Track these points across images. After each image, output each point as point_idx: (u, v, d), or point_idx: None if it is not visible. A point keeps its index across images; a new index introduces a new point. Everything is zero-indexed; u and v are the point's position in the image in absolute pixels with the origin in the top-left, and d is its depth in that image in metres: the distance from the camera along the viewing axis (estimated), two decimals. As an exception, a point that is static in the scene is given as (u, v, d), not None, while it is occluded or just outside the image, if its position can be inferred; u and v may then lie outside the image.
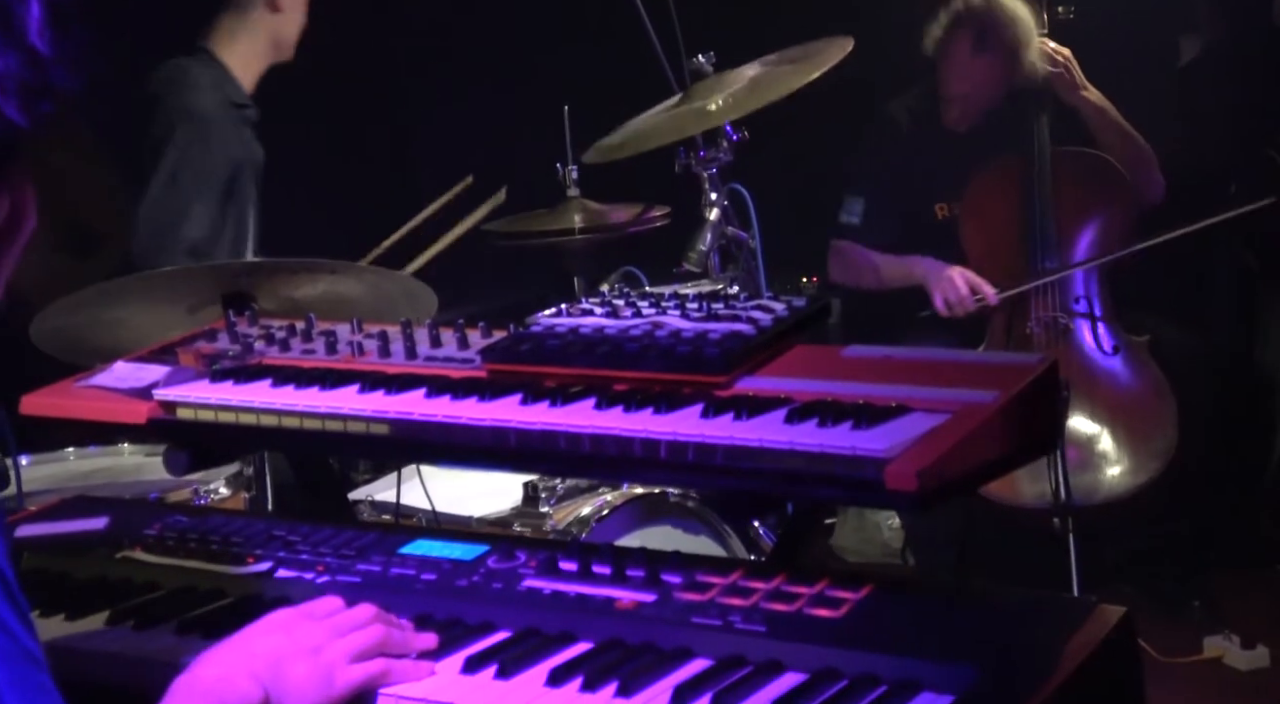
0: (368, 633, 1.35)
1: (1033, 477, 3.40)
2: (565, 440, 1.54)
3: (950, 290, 3.63)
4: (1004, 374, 1.50)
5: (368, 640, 1.34)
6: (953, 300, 3.63)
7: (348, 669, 1.32)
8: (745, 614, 1.37)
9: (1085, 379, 3.60)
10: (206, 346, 1.90)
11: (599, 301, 1.79)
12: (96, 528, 1.80)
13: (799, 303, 1.71)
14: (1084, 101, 3.74)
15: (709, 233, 2.93)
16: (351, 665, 1.32)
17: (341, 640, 1.33)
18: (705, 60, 2.99)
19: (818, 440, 1.40)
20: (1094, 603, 1.33)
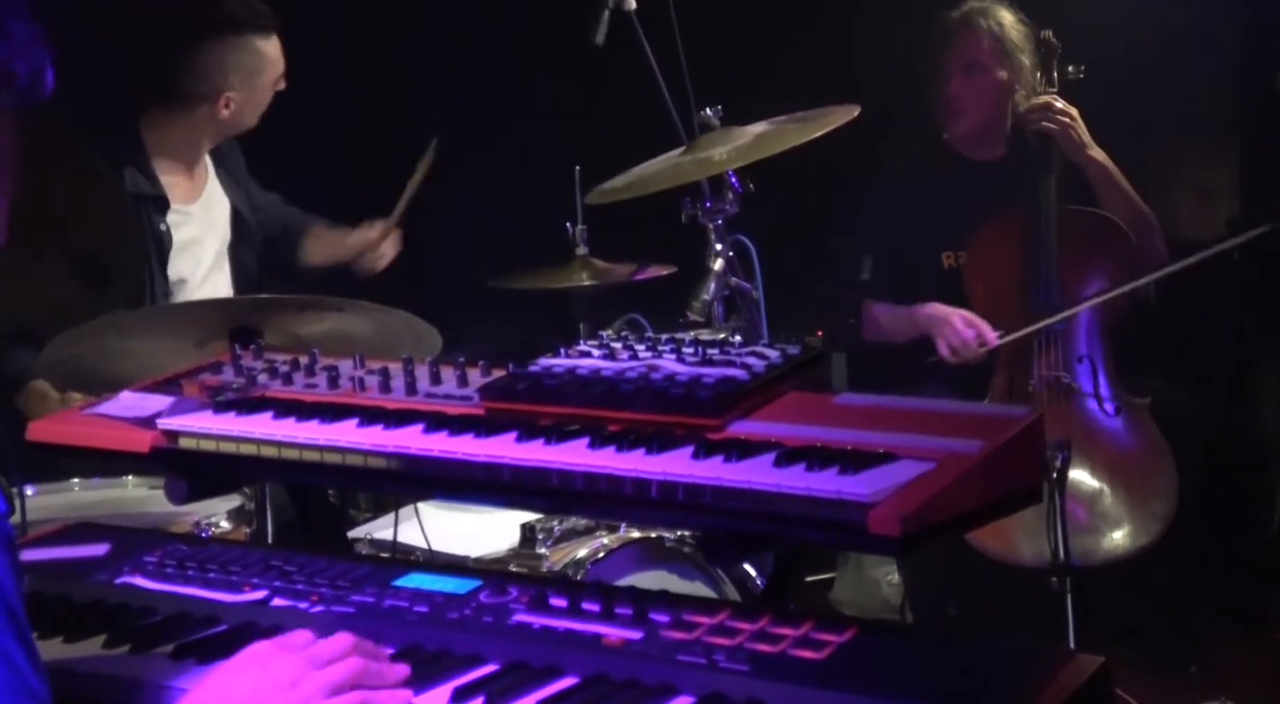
0: (344, 665, 1.36)
1: (1031, 535, 3.40)
2: (558, 477, 1.57)
3: (953, 336, 3.64)
4: (990, 425, 1.53)
5: (344, 673, 1.35)
6: (956, 345, 3.64)
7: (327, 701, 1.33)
8: (730, 653, 1.39)
9: (1086, 439, 3.61)
10: (211, 378, 1.93)
11: (597, 344, 1.83)
12: (97, 554, 1.83)
13: (793, 350, 1.74)
14: (1089, 160, 3.79)
15: (713, 283, 2.97)
16: (329, 699, 1.33)
17: (318, 673, 1.34)
18: (713, 114, 3.04)
19: (804, 484, 1.43)
20: (1071, 652, 1.35)
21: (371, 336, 2.51)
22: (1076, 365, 3.70)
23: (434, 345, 2.54)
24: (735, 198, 3.00)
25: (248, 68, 3.32)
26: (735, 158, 2.88)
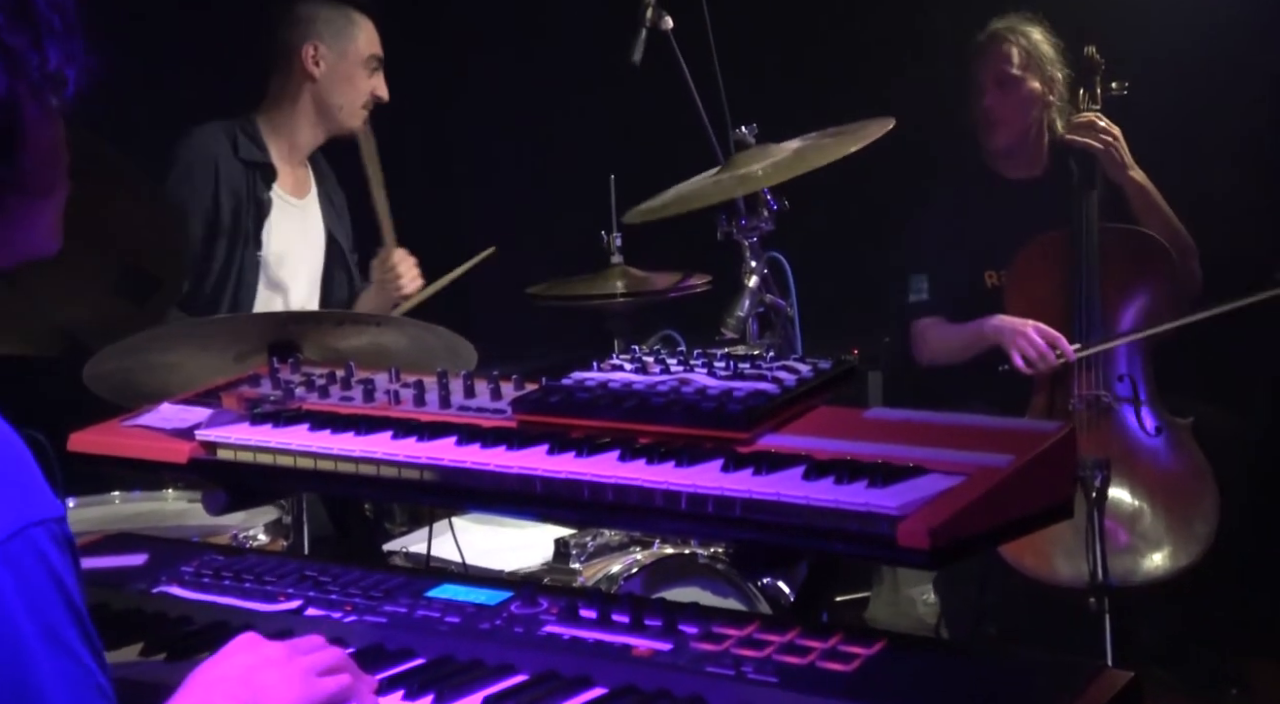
0: (329, 652, 1.40)
1: (1070, 555, 3.38)
2: (589, 490, 1.58)
3: (1028, 347, 3.61)
4: (1021, 439, 1.52)
5: (331, 659, 1.39)
6: (1032, 356, 3.60)
7: (320, 681, 1.36)
8: (758, 665, 1.39)
9: (1127, 459, 3.58)
10: (249, 391, 1.96)
11: (629, 357, 1.84)
12: (135, 563, 1.85)
13: (824, 365, 1.74)
14: (1129, 181, 3.77)
15: (747, 299, 2.97)
16: (323, 678, 1.36)
17: (306, 657, 1.38)
18: (749, 131, 3.05)
19: (833, 496, 1.44)
20: (1102, 666, 1.34)
21: (408, 351, 2.53)
22: (1117, 384, 3.67)
23: (469, 360, 2.56)
24: (771, 215, 3.00)
25: (335, 27, 3.49)
26: (774, 174, 2.89)
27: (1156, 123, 3.88)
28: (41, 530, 1.05)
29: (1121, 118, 3.78)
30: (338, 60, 3.48)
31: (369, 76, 3.52)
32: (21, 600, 1.03)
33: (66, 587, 1.07)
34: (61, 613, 1.06)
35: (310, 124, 3.52)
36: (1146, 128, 3.81)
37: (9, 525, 1.04)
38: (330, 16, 3.49)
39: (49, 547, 1.06)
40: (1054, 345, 3.60)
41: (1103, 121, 3.75)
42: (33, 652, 1.03)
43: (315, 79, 3.48)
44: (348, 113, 3.51)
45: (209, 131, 3.44)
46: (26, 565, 1.04)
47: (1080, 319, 3.69)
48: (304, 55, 3.46)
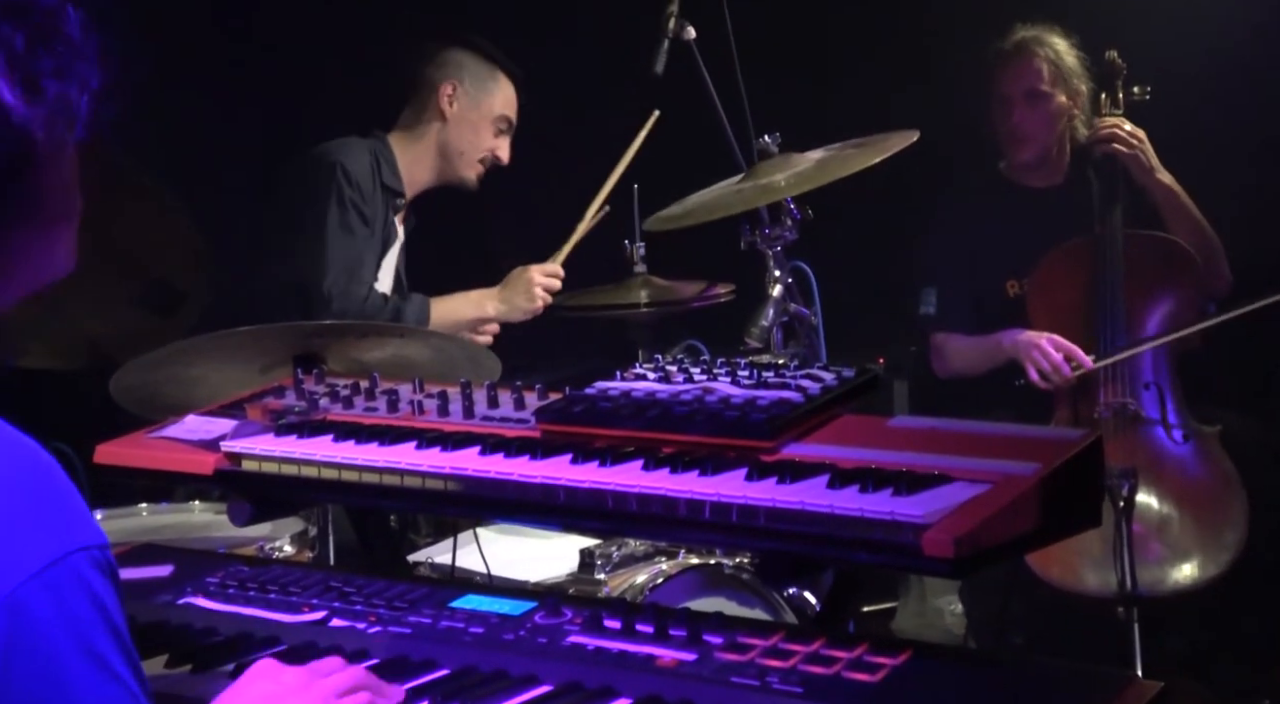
0: (348, 673, 1.41)
1: (1096, 564, 3.35)
2: (613, 499, 1.58)
3: (1043, 360, 3.59)
4: (1046, 447, 1.51)
5: (350, 679, 1.40)
6: (1046, 370, 3.58)
7: (340, 703, 1.37)
8: (783, 675, 1.39)
9: (1154, 468, 3.55)
10: (274, 402, 1.97)
11: (652, 367, 1.84)
12: (161, 575, 1.86)
13: (848, 373, 1.74)
14: (1158, 184, 3.74)
15: (771, 309, 2.97)
16: (341, 699, 1.37)
17: (326, 680, 1.39)
18: (771, 141, 3.05)
19: (858, 505, 1.43)
20: (1131, 676, 1.33)
21: (431, 362, 2.53)
22: (1143, 392, 3.64)
23: (493, 371, 2.56)
24: (794, 224, 3.00)
25: (479, 77, 3.58)
26: (796, 184, 2.89)
27: (1178, 127, 3.86)
28: (84, 557, 1.07)
29: (1144, 122, 3.76)
30: (471, 107, 3.55)
31: (495, 135, 3.59)
32: (62, 625, 1.05)
33: (109, 611, 1.08)
34: (104, 637, 1.07)
35: (429, 164, 3.57)
36: (1168, 132, 3.79)
37: (51, 552, 1.05)
38: (476, 66, 3.58)
39: (90, 572, 1.07)
40: (1070, 358, 3.57)
41: (1127, 126, 3.73)
42: (73, 674, 1.05)
43: (446, 119, 3.54)
44: (465, 162, 3.57)
45: (359, 145, 3.49)
46: (67, 591, 1.05)
47: (1104, 327, 3.66)
48: (441, 93, 3.53)
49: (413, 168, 3.56)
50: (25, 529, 1.06)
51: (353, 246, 3.35)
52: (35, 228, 1.21)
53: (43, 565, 1.05)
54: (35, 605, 1.03)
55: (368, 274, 3.38)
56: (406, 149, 3.55)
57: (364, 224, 3.37)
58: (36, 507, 1.08)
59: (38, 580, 1.04)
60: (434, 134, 3.55)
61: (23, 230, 1.20)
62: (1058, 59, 3.78)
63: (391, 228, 3.52)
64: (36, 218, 1.21)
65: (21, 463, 1.09)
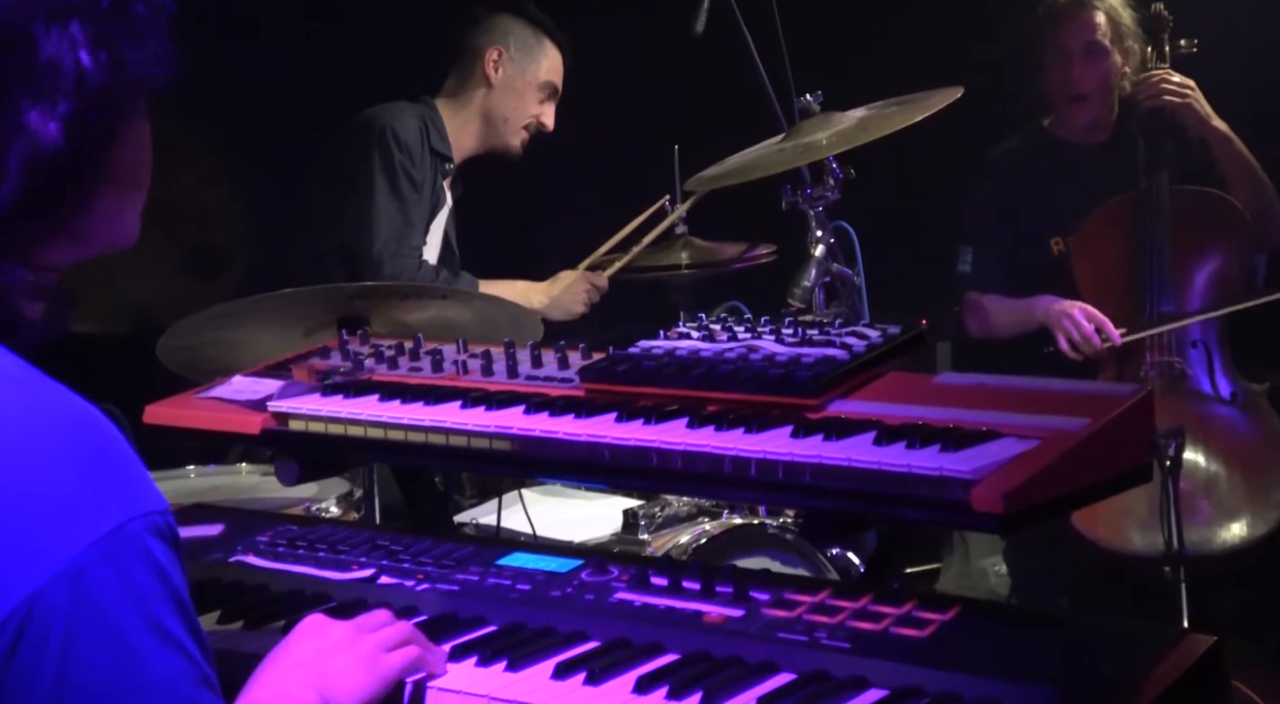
0: (395, 628, 1.42)
1: (1143, 524, 3.33)
2: (657, 457, 1.58)
3: (1073, 330, 3.57)
4: (1096, 402, 1.50)
5: (396, 633, 1.41)
6: (1077, 340, 3.56)
7: (387, 657, 1.38)
8: (831, 631, 1.39)
9: (1201, 427, 3.52)
10: (320, 363, 1.98)
11: (696, 326, 1.83)
12: (212, 534, 1.88)
13: (893, 330, 1.73)
14: (1213, 131, 3.67)
15: (814, 269, 2.95)
16: (389, 654, 1.38)
17: (373, 635, 1.39)
18: (813, 99, 3.02)
19: (905, 461, 1.42)
20: (1182, 631, 1.32)
21: (474, 324, 2.54)
22: (1190, 351, 3.60)
23: (535, 332, 2.56)
24: (836, 184, 2.97)
25: (525, 44, 3.56)
26: (838, 143, 2.86)
27: (1225, 80, 3.79)
28: (144, 523, 1.06)
29: (1190, 76, 3.69)
30: (517, 74, 3.54)
31: (540, 101, 3.57)
32: (125, 595, 1.04)
33: (171, 579, 1.07)
34: (167, 606, 1.07)
35: (474, 130, 3.57)
36: (1216, 85, 3.72)
37: (112, 520, 1.05)
38: (522, 33, 3.57)
39: (152, 540, 1.06)
40: (1100, 330, 3.54)
41: (1175, 76, 3.67)
42: (137, 646, 1.04)
43: (491, 85, 3.53)
44: (510, 129, 3.56)
45: (408, 110, 3.48)
46: (129, 559, 1.05)
47: (1150, 286, 3.62)
48: (487, 59, 3.52)
49: (459, 134, 3.56)
50: (84, 496, 1.05)
51: (402, 211, 3.34)
52: (114, 194, 1.22)
53: (104, 533, 1.04)
54: (98, 574, 1.03)
55: (416, 240, 3.38)
56: (453, 115, 3.55)
57: (414, 189, 3.37)
58: (95, 472, 1.07)
59: (99, 548, 1.03)
60: (479, 100, 3.55)
61: (105, 195, 1.21)
62: (1115, 14, 3.71)
63: (440, 193, 3.52)
64: (118, 184, 1.22)
65: (79, 429, 1.09)
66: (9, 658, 1.00)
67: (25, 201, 1.14)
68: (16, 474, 1.04)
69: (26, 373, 1.12)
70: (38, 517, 1.03)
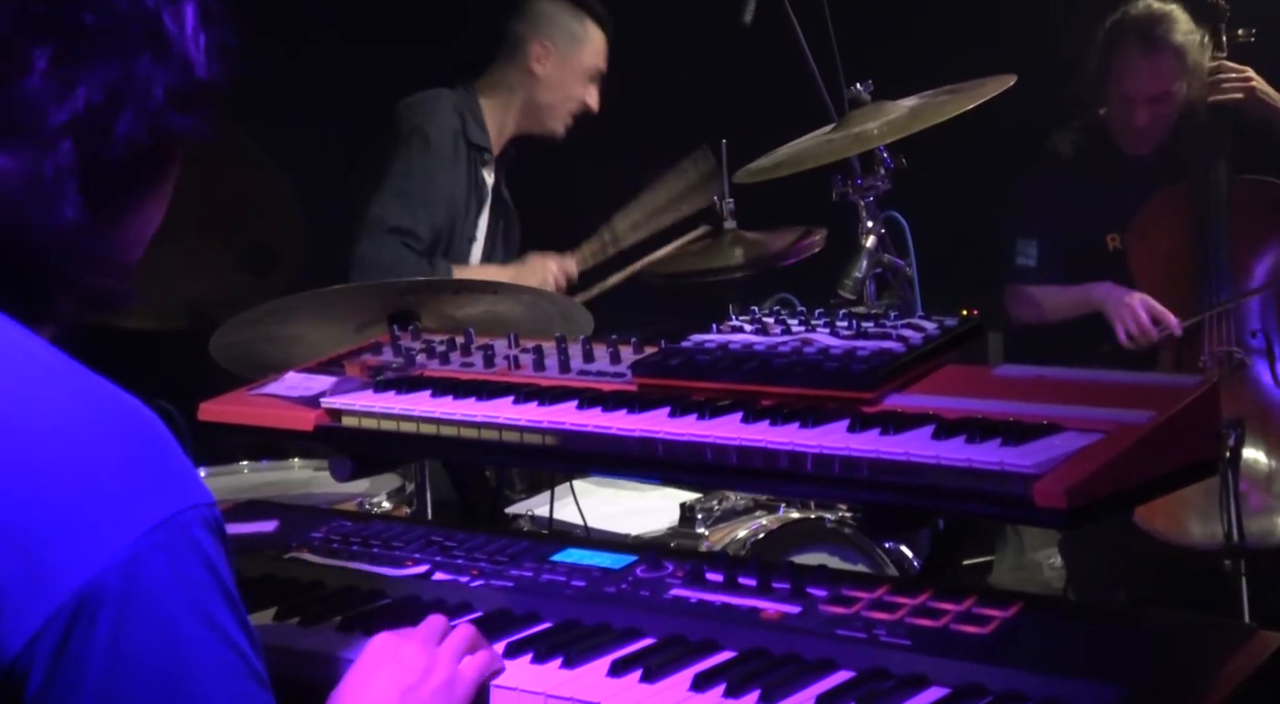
0: (459, 633, 1.40)
1: (1202, 516, 3.28)
2: (712, 452, 1.56)
3: (1131, 321, 3.53)
4: (1160, 395, 1.47)
5: (463, 640, 1.39)
6: (1135, 332, 3.52)
7: (461, 670, 1.37)
8: (890, 628, 1.37)
9: (1260, 416, 3.47)
10: (371, 359, 1.98)
11: (749, 319, 1.82)
12: (267, 530, 1.89)
13: (950, 322, 1.70)
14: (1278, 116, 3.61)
15: (865, 260, 2.92)
16: (462, 665, 1.37)
17: (442, 647, 1.38)
18: (863, 88, 2.99)
19: (965, 455, 1.40)
20: (1252, 628, 1.29)
21: (524, 318, 2.53)
22: (1250, 340, 3.55)
23: (585, 326, 2.55)
24: (887, 174, 2.94)
25: (568, 32, 3.54)
26: (889, 132, 2.83)
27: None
28: (193, 515, 1.05)
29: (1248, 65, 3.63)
30: (562, 64, 3.52)
31: (585, 86, 3.56)
32: (176, 586, 1.03)
33: (220, 572, 1.06)
34: (217, 599, 1.05)
35: (518, 117, 3.56)
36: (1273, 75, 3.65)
37: (161, 511, 1.04)
38: (566, 21, 3.54)
39: (201, 532, 1.05)
40: (1159, 320, 3.49)
41: (1232, 67, 3.60)
42: (188, 638, 1.03)
43: (536, 76, 3.52)
44: (555, 115, 3.55)
45: (444, 102, 3.48)
46: (179, 551, 1.03)
47: (1208, 276, 3.57)
48: (531, 51, 3.50)
49: (502, 121, 3.55)
50: (133, 487, 1.04)
51: (406, 205, 3.32)
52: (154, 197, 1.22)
53: (153, 524, 1.03)
54: (149, 565, 1.02)
55: (421, 231, 3.34)
56: (495, 103, 3.54)
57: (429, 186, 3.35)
58: (143, 464, 1.06)
59: (149, 538, 1.02)
60: (524, 91, 3.54)
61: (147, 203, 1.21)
62: (1183, 50, 3.60)
63: (482, 185, 3.52)
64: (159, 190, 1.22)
65: (125, 421, 1.09)
66: (61, 649, 0.99)
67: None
68: (64, 465, 1.04)
69: (69, 366, 1.11)
70: (87, 508, 1.03)
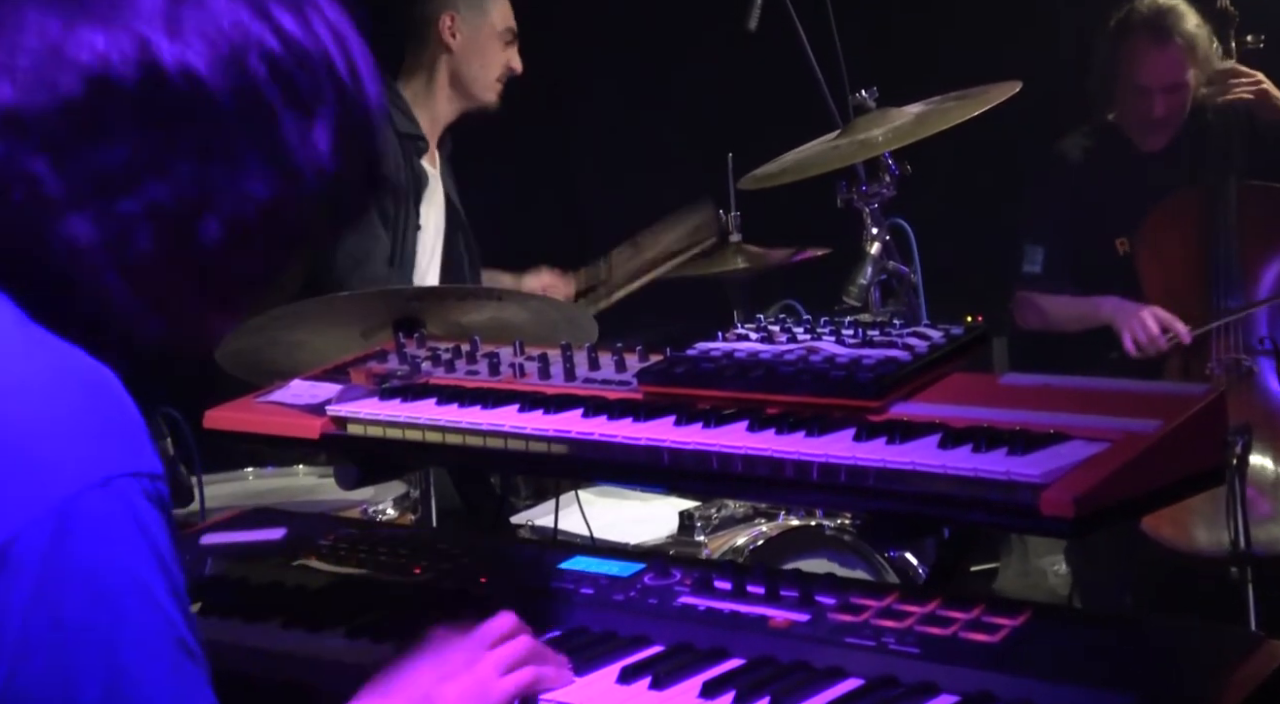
0: (515, 644, 1.38)
1: (1208, 523, 3.27)
2: (718, 460, 1.56)
3: (1140, 330, 3.53)
4: (1167, 404, 1.47)
5: (516, 651, 1.37)
6: (1143, 341, 3.52)
7: (500, 681, 1.35)
8: (899, 636, 1.37)
9: (1268, 423, 3.46)
10: (377, 366, 1.98)
11: (754, 327, 1.81)
12: (274, 538, 1.89)
13: (956, 331, 1.70)
14: None
15: (869, 267, 2.92)
16: (504, 678, 1.35)
17: (491, 654, 1.37)
18: (868, 95, 2.99)
19: (971, 465, 1.40)
20: (1261, 637, 1.29)
21: (530, 325, 2.53)
22: (1258, 347, 3.55)
23: (591, 333, 2.55)
24: (892, 181, 2.94)
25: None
26: (894, 139, 2.83)
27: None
28: (133, 482, 1.03)
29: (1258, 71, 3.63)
30: (474, 32, 3.49)
31: (504, 49, 3.52)
32: (104, 544, 1.01)
33: (154, 538, 1.04)
34: (147, 563, 1.03)
35: (447, 97, 3.53)
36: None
37: (99, 472, 1.02)
38: None
39: (138, 499, 1.03)
40: (1168, 329, 3.50)
41: (1244, 70, 3.61)
42: (113, 597, 1.01)
43: (452, 50, 3.49)
44: (483, 85, 3.51)
45: None
46: (113, 514, 1.02)
47: (1217, 282, 3.57)
48: (440, 26, 3.47)
49: (431, 105, 3.51)
50: (78, 443, 1.03)
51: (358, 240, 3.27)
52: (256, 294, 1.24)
53: (93, 483, 1.01)
54: (83, 521, 1.00)
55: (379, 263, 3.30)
56: (417, 89, 3.50)
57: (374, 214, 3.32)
58: (92, 424, 1.04)
59: (86, 497, 1.01)
60: (444, 67, 3.49)
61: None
62: (1192, 41, 3.62)
63: (421, 173, 3.46)
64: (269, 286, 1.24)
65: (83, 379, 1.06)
66: None
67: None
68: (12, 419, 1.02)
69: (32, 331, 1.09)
70: (25, 461, 1.01)
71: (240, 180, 1.11)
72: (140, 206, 1.09)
